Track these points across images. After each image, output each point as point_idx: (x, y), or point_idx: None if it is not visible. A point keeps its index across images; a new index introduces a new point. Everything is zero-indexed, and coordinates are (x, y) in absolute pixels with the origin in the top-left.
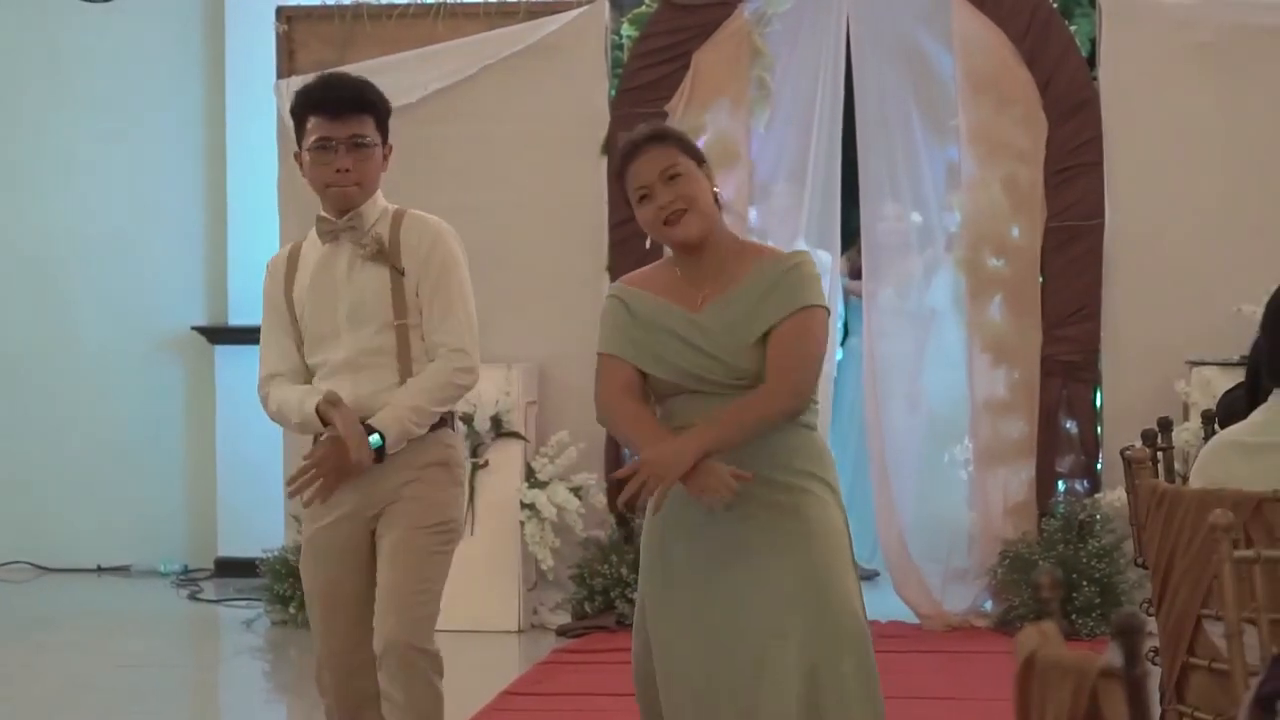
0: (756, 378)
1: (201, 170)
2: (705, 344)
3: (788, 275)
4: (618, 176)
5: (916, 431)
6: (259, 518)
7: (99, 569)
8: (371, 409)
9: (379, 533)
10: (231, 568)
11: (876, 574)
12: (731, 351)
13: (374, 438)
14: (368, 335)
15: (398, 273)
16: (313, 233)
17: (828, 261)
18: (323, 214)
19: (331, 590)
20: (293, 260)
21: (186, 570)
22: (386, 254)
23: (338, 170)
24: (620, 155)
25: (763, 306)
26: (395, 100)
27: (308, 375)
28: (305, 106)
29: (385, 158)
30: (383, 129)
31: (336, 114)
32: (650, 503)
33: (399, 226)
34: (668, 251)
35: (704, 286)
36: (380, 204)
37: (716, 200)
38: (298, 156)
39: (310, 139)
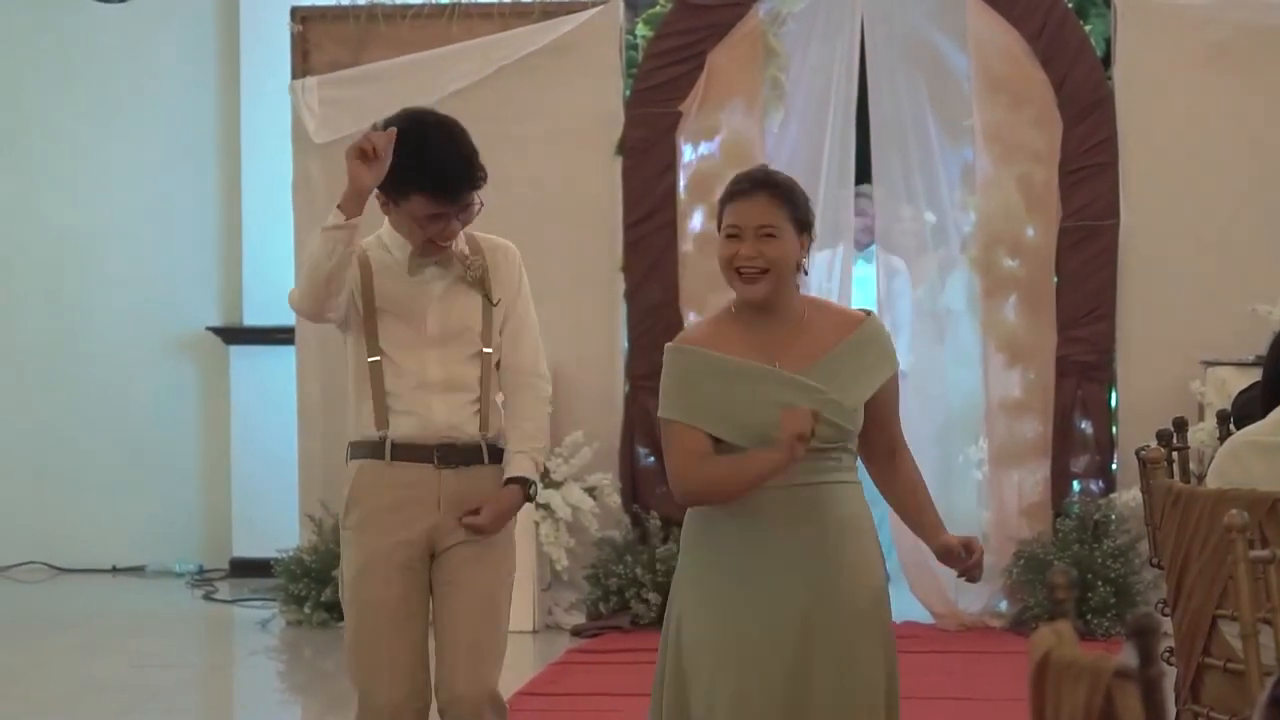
0: (848, 440)
1: (216, 170)
2: (809, 403)
3: (880, 335)
4: (721, 201)
5: (931, 431)
6: (274, 518)
7: (114, 569)
8: (458, 432)
9: (447, 570)
10: (247, 568)
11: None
12: (850, 408)
13: (532, 490)
14: (457, 359)
15: (490, 302)
16: (383, 239)
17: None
18: (412, 252)
19: (404, 606)
20: (364, 264)
21: (201, 570)
22: (484, 281)
23: (446, 235)
24: (731, 185)
25: (869, 366)
26: (410, 102)
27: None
28: (411, 185)
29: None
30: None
31: (447, 196)
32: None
33: (482, 252)
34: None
35: (787, 344)
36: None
37: (800, 268)
38: (384, 206)
39: (417, 209)
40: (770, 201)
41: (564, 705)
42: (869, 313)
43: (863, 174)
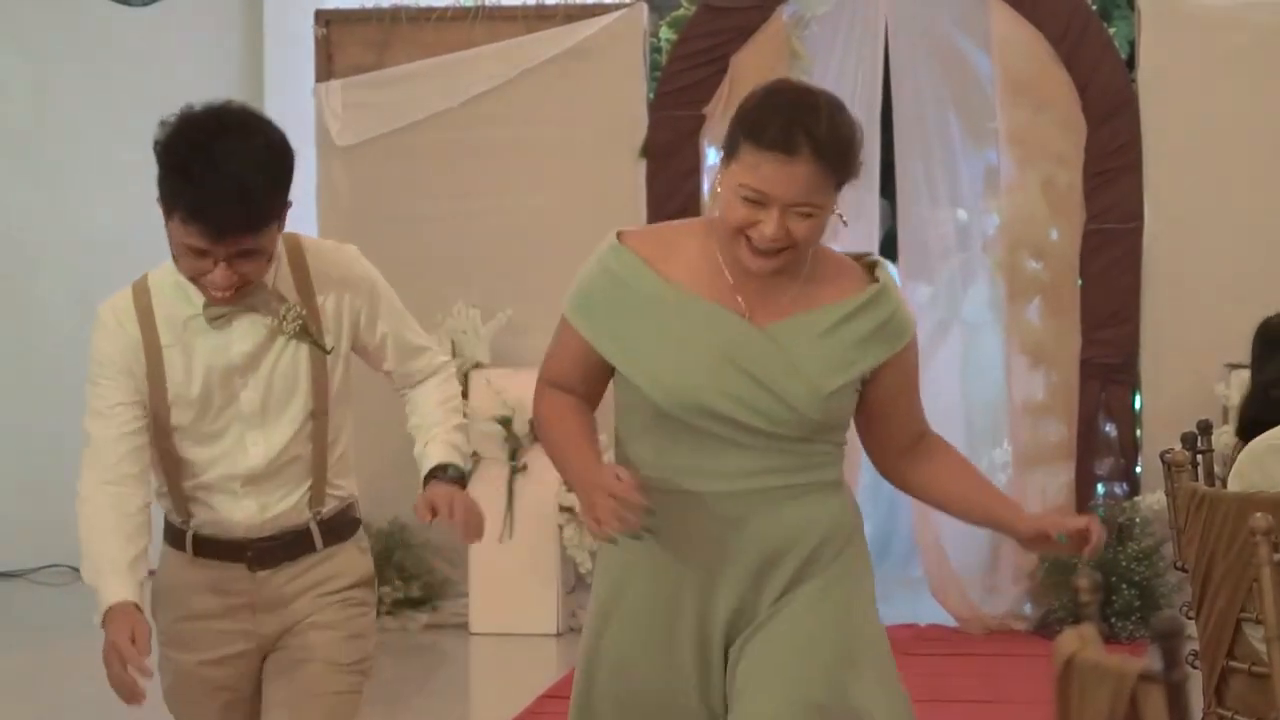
0: (815, 435)
1: None
2: (767, 373)
3: (886, 300)
4: (742, 131)
5: (954, 434)
6: None
7: None
8: (279, 524)
9: (277, 668)
10: None
11: None
12: (814, 388)
13: (454, 469)
14: (280, 435)
15: (322, 350)
16: (161, 283)
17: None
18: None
19: None
20: (149, 323)
21: None
22: (307, 330)
23: (213, 282)
24: (763, 121)
25: (861, 340)
26: (434, 105)
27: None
28: (170, 201)
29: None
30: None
31: (210, 229)
32: None
33: (308, 277)
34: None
35: (766, 288)
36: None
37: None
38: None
39: (176, 234)
40: (817, 174)
41: None
42: (877, 264)
43: (886, 176)
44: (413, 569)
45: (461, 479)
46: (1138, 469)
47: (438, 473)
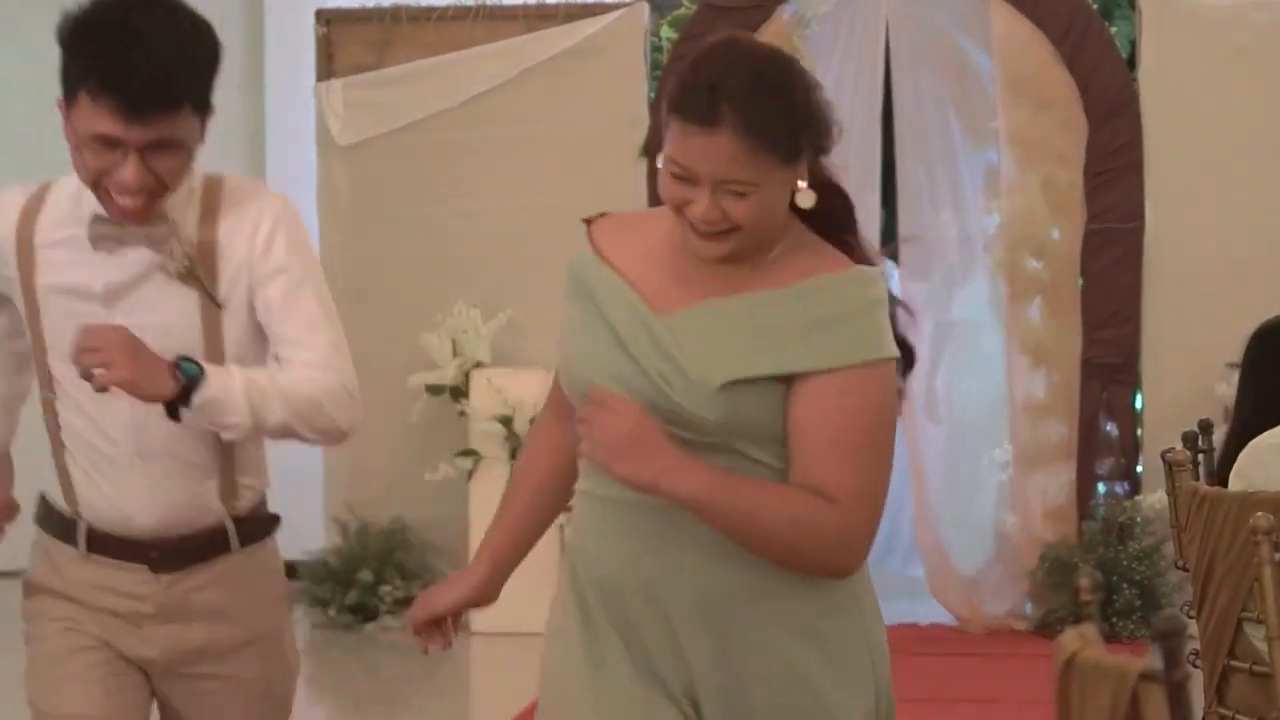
0: (729, 444)
1: (241, 172)
2: (648, 359)
3: (841, 294)
4: (666, 104)
5: (955, 434)
6: (298, 519)
7: None
8: (186, 519)
9: (175, 710)
10: None
11: None
12: (697, 382)
13: (185, 366)
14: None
15: (213, 303)
16: (61, 189)
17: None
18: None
19: None
20: (28, 220)
21: None
22: (193, 273)
23: (121, 183)
24: (679, 88)
25: (790, 332)
26: (435, 105)
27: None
28: (77, 78)
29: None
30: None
31: (126, 105)
32: None
33: (215, 215)
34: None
35: (700, 277)
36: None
37: (793, 201)
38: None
39: (82, 122)
40: (744, 148)
41: None
42: (855, 267)
43: (887, 176)
44: (413, 569)
45: (191, 382)
46: (1138, 468)
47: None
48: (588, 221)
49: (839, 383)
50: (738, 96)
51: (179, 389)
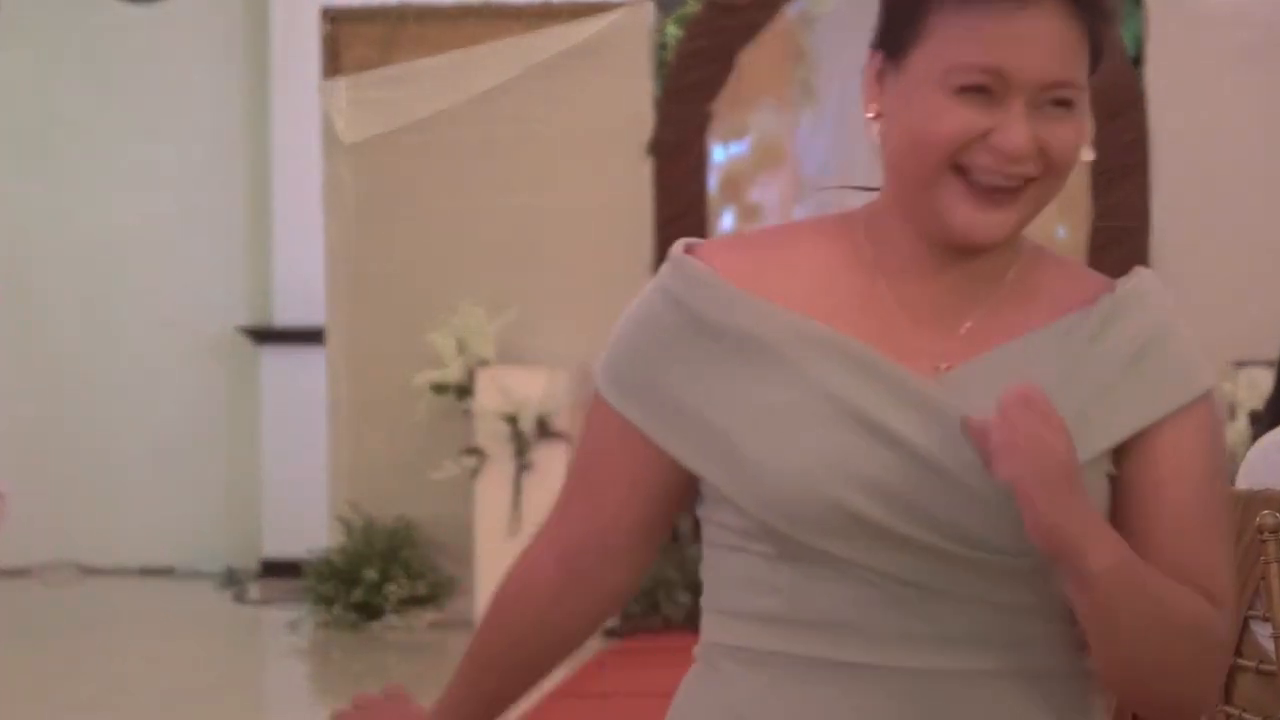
0: (1027, 562)
1: (246, 171)
2: (945, 452)
3: (1144, 304)
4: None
5: None
6: (304, 518)
7: (143, 571)
8: None
9: None
10: (277, 569)
11: None
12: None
13: None
14: None
15: None
16: None
17: None
18: None
19: None
20: None
21: (231, 571)
22: None
23: None
24: None
25: (1109, 384)
26: (441, 103)
27: None
28: None
29: None
30: None
31: None
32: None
33: None
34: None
35: (953, 311)
36: None
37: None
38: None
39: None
40: (1068, 30)
41: (595, 706)
42: (1133, 276)
43: None
44: (418, 567)
45: None
46: None
47: None
48: (688, 249)
49: (1183, 424)
50: None
51: None
